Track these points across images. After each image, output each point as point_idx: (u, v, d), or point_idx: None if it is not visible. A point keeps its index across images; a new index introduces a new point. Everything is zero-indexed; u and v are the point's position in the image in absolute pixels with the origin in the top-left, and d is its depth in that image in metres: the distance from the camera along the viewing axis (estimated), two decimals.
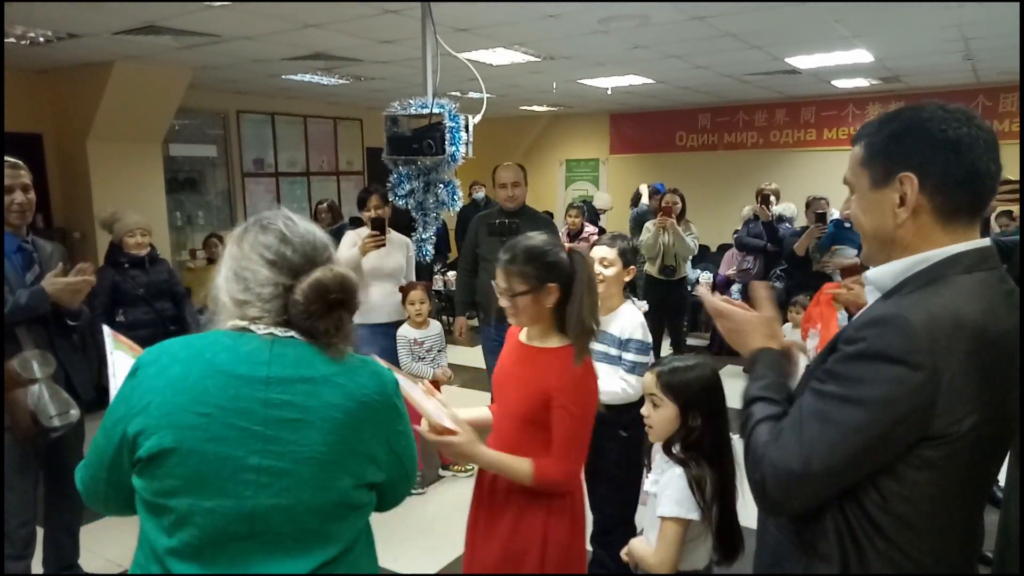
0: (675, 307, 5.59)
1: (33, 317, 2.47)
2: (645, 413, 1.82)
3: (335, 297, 1.14)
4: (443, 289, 7.54)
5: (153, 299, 3.62)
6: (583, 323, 1.74)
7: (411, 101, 3.34)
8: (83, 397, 2.63)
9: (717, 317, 1.37)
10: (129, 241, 3.59)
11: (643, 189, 7.07)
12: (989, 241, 1.14)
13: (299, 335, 1.15)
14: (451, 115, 3.25)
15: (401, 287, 4.00)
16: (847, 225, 4.97)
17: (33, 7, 3.84)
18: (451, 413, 1.73)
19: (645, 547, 1.75)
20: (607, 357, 2.53)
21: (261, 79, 6.57)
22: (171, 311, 3.69)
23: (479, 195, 7.96)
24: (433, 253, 3.99)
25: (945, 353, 1.00)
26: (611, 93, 7.72)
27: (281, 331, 1.15)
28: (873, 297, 1.19)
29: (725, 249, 7.48)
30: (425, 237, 3.63)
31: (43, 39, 4.65)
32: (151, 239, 3.73)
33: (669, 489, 1.70)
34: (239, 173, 7.88)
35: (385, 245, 3.73)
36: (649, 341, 2.56)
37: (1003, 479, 2.41)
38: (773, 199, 6.05)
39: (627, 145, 10.34)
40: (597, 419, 1.81)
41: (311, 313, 1.13)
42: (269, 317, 1.15)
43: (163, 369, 1.12)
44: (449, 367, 3.98)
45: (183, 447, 1.06)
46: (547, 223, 4.04)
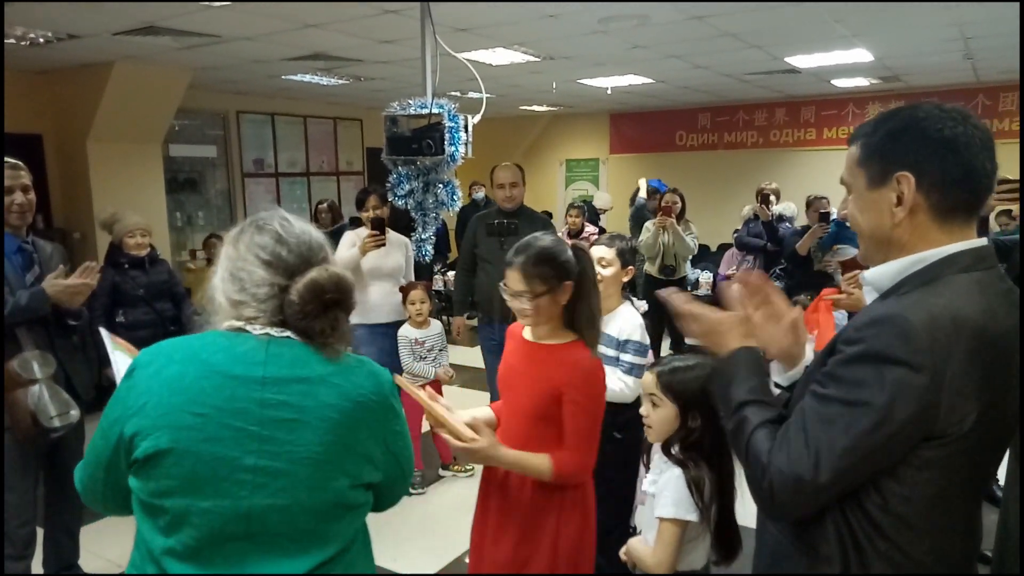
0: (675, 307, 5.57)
1: (33, 318, 2.48)
2: (644, 413, 1.81)
3: (331, 297, 1.14)
4: (443, 289, 7.54)
5: (153, 300, 3.62)
6: (594, 318, 1.83)
7: (410, 101, 3.33)
8: (83, 397, 2.63)
9: (688, 320, 1.34)
10: (129, 242, 3.59)
11: (641, 183, 7.07)
12: (986, 240, 1.14)
13: (295, 335, 1.15)
14: (450, 115, 3.25)
15: (401, 287, 4.00)
16: (848, 224, 4.96)
17: (33, 7, 3.84)
18: (471, 419, 1.77)
19: (643, 547, 1.76)
20: (605, 358, 2.51)
21: (261, 79, 6.57)
22: (171, 312, 3.69)
23: (479, 195, 7.96)
24: (433, 253, 3.99)
25: (946, 353, 1.00)
26: (611, 93, 7.72)
27: (277, 331, 1.15)
28: (871, 297, 1.18)
29: (725, 249, 7.47)
30: (425, 237, 3.62)
31: (43, 40, 4.65)
32: (151, 240, 3.72)
33: (667, 490, 1.70)
34: (239, 173, 7.88)
35: (385, 245, 3.73)
36: (647, 343, 2.55)
37: (1002, 477, 2.41)
38: (773, 199, 6.05)
39: (627, 145, 10.34)
40: None
41: (307, 313, 1.13)
42: (265, 317, 1.15)
43: (159, 370, 1.11)
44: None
45: (179, 448, 1.06)
46: (545, 223, 4.04)
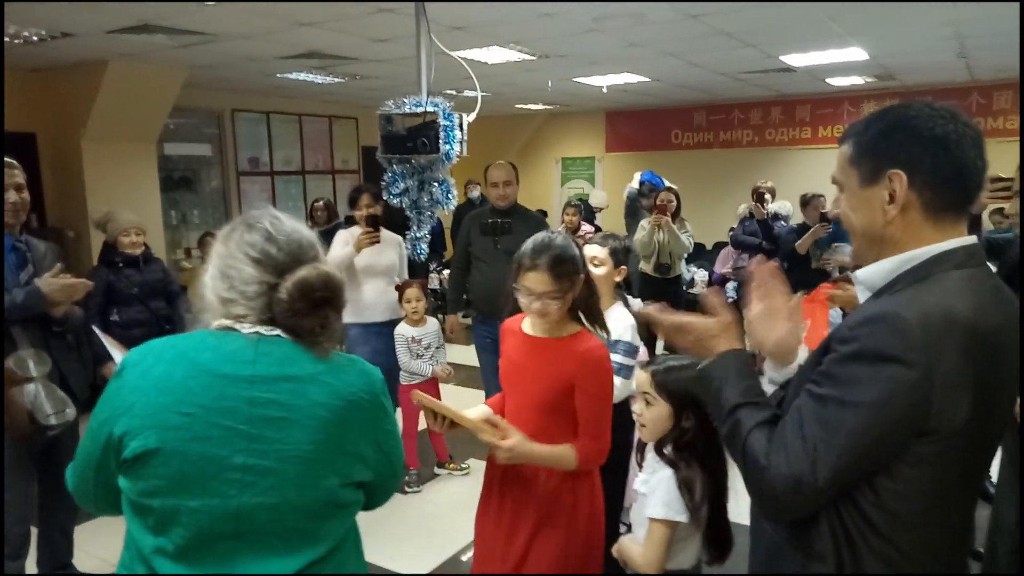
0: (671, 305, 5.57)
1: (28, 317, 2.47)
2: (638, 411, 1.81)
3: (320, 295, 1.14)
4: (439, 288, 7.54)
5: (148, 298, 3.61)
6: (599, 306, 1.93)
7: (405, 99, 3.33)
8: (78, 396, 2.62)
9: (676, 334, 1.35)
10: (123, 240, 3.58)
11: (636, 175, 7.07)
12: (976, 238, 1.14)
13: (285, 333, 1.15)
14: (445, 113, 3.25)
15: (397, 285, 4.00)
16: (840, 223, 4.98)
17: (27, 5, 3.83)
18: (497, 418, 1.80)
19: (634, 546, 1.76)
20: None
21: (256, 78, 6.56)
22: (166, 310, 3.68)
23: (474, 194, 7.95)
24: (428, 251, 3.99)
25: (938, 350, 1.00)
26: (606, 91, 7.72)
27: (267, 330, 1.14)
28: (864, 296, 1.19)
29: (721, 247, 7.49)
30: (420, 236, 3.62)
31: (37, 38, 4.63)
32: (145, 238, 3.72)
33: (659, 490, 1.70)
34: (234, 172, 7.86)
35: (379, 242, 3.73)
36: (637, 343, 2.55)
37: (995, 474, 2.43)
38: (768, 197, 6.06)
39: (623, 143, 10.34)
40: None
41: (295, 311, 1.13)
42: (254, 315, 1.15)
43: (147, 370, 1.11)
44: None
45: (167, 447, 1.06)
46: (539, 221, 4.04)
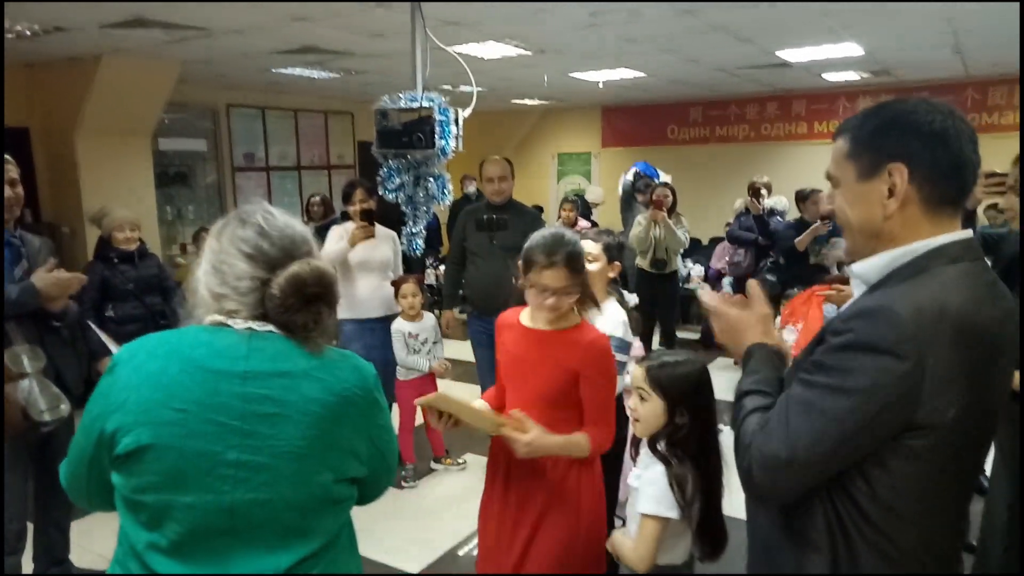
0: (666, 301, 5.60)
1: (22, 312, 2.46)
2: (632, 406, 1.81)
3: (312, 291, 1.13)
4: (435, 283, 7.54)
5: (143, 294, 3.61)
6: (595, 297, 1.98)
7: (401, 95, 3.33)
8: (73, 392, 2.61)
9: (713, 315, 1.38)
10: (118, 236, 3.57)
11: (632, 169, 7.08)
12: (971, 232, 1.15)
13: (278, 329, 1.14)
14: (441, 109, 3.24)
15: (393, 281, 4.00)
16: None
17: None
18: (519, 413, 1.81)
19: (626, 541, 1.76)
20: None
21: (251, 73, 6.53)
22: (161, 306, 3.68)
23: (470, 189, 7.94)
24: (423, 247, 3.98)
25: (930, 343, 1.01)
26: (603, 87, 7.71)
27: (259, 325, 1.14)
28: (859, 290, 1.19)
29: (717, 242, 7.51)
30: (415, 231, 3.62)
31: (29, 32, 4.61)
32: (140, 234, 3.71)
33: (650, 487, 1.70)
34: (229, 167, 7.84)
35: (374, 236, 3.72)
36: (629, 339, 2.56)
37: (989, 468, 2.44)
38: (764, 192, 6.07)
39: (619, 139, 10.34)
40: None
41: (287, 307, 1.12)
42: (246, 311, 1.14)
43: (140, 365, 1.11)
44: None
45: (160, 443, 1.06)
46: (535, 217, 4.03)
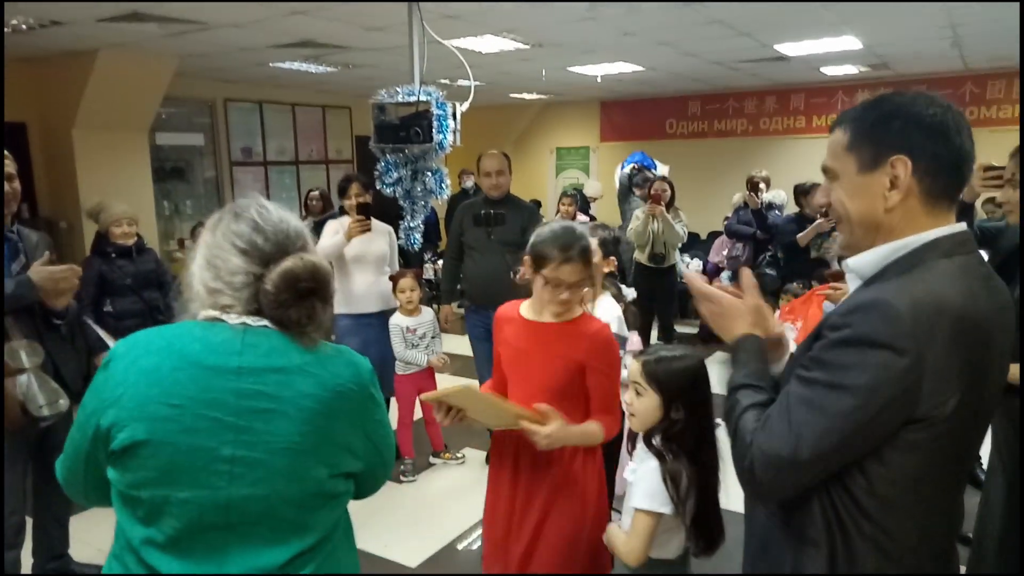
0: (665, 295, 5.60)
1: (20, 307, 2.46)
2: (628, 401, 1.80)
3: (305, 286, 1.13)
4: (433, 278, 7.53)
5: (141, 289, 3.61)
6: (595, 288, 1.99)
7: (398, 89, 3.32)
8: (71, 387, 2.61)
9: (702, 300, 1.35)
10: (115, 231, 3.57)
11: (630, 164, 7.09)
12: (965, 226, 1.15)
13: (272, 324, 1.14)
14: (438, 103, 3.24)
15: (391, 276, 4.00)
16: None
17: None
18: (544, 407, 1.81)
19: (620, 534, 1.76)
20: None
21: (248, 67, 6.51)
22: (159, 300, 3.68)
23: (468, 184, 7.92)
24: (421, 241, 3.98)
25: (928, 337, 1.01)
26: (601, 81, 7.70)
27: (254, 320, 1.14)
28: (854, 285, 1.19)
29: (715, 237, 7.50)
30: (413, 225, 3.62)
31: (25, 26, 4.59)
32: (138, 229, 3.71)
33: (643, 482, 1.69)
34: (227, 162, 7.83)
35: (370, 229, 3.72)
36: (625, 334, 2.57)
37: (986, 460, 2.45)
38: (763, 186, 6.07)
39: (617, 133, 10.32)
40: None
41: (281, 302, 1.12)
42: (240, 306, 1.14)
43: (134, 361, 1.11)
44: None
45: (155, 439, 1.06)
46: (532, 211, 4.03)
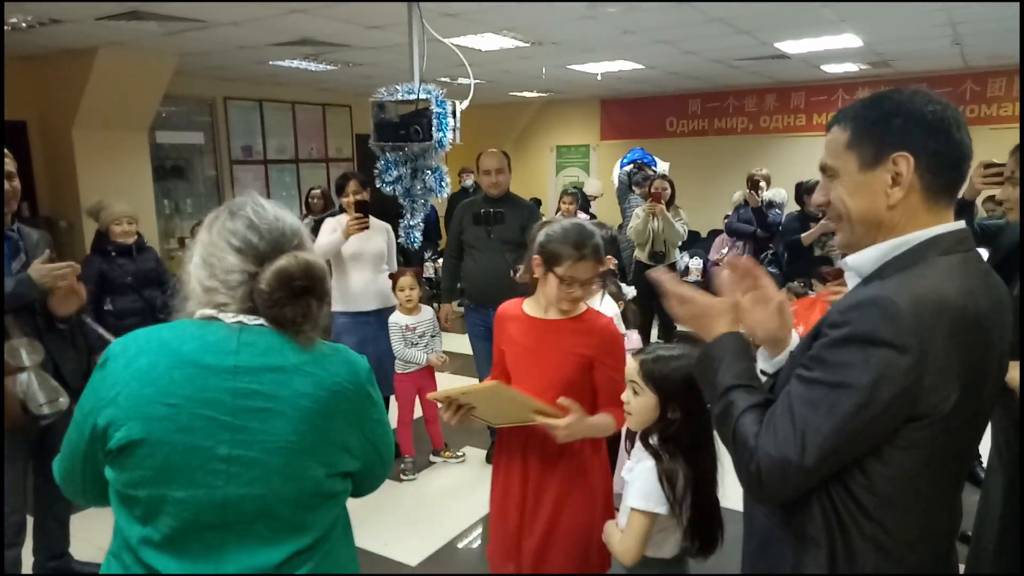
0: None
1: (20, 305, 2.46)
2: (625, 399, 1.78)
3: (299, 284, 1.12)
4: (434, 276, 7.53)
5: (141, 287, 3.61)
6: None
7: (398, 87, 3.32)
8: (72, 385, 2.61)
9: (676, 302, 1.31)
10: (116, 229, 3.57)
11: (627, 163, 7.08)
12: (964, 223, 1.14)
13: (268, 323, 1.14)
14: (438, 101, 3.24)
15: (391, 274, 4.00)
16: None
17: None
18: (567, 400, 1.83)
19: (616, 532, 1.75)
20: None
21: (248, 65, 6.51)
22: (160, 299, 3.68)
23: (468, 182, 7.91)
24: (421, 239, 3.98)
25: (929, 334, 1.00)
26: (601, 79, 7.69)
27: (250, 319, 1.14)
28: (853, 283, 1.19)
29: (715, 235, 7.50)
30: (413, 224, 3.61)
31: (25, 24, 4.59)
32: (138, 227, 3.71)
33: (639, 481, 1.68)
34: (227, 161, 7.83)
35: (368, 227, 3.72)
36: (623, 332, 2.58)
37: (986, 458, 2.45)
38: (763, 185, 6.06)
39: (618, 131, 10.32)
40: None
41: (275, 301, 1.11)
42: (236, 304, 1.14)
43: (130, 360, 1.11)
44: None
45: (151, 438, 1.06)
46: (532, 210, 4.02)
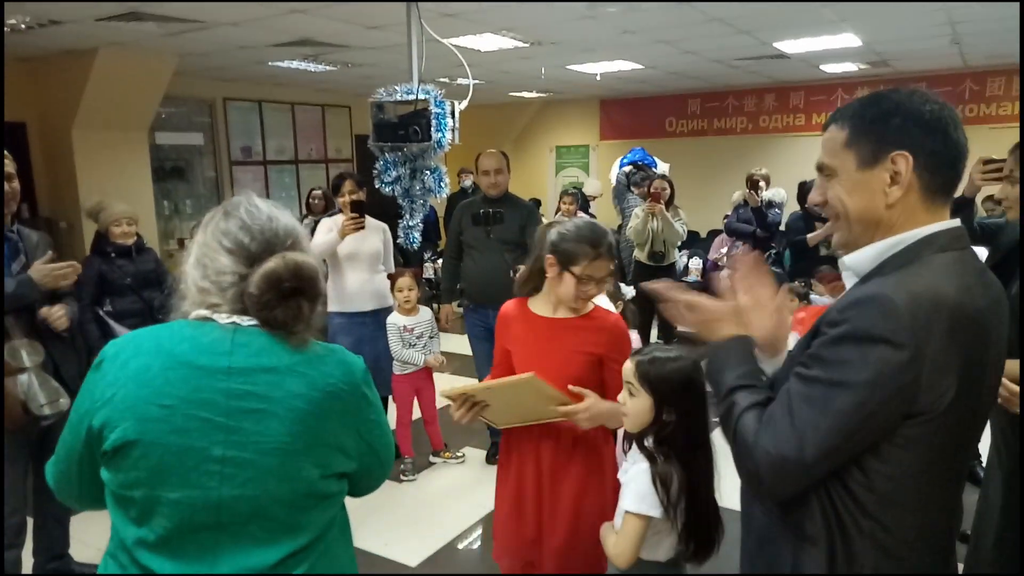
0: None
1: (21, 306, 2.47)
2: (621, 400, 1.77)
3: (289, 286, 1.11)
4: (433, 277, 7.53)
5: (141, 288, 3.61)
6: None
7: (397, 87, 3.32)
8: (71, 386, 2.62)
9: (682, 309, 1.32)
10: (115, 230, 3.57)
11: (625, 163, 7.09)
12: (959, 222, 1.15)
13: (260, 325, 1.14)
14: (437, 101, 3.24)
15: (390, 274, 4.00)
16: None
17: None
18: (585, 391, 1.85)
19: (611, 534, 1.75)
20: None
21: (247, 66, 6.51)
22: (159, 300, 3.67)
23: (467, 183, 7.91)
24: (420, 240, 3.98)
25: (927, 332, 1.01)
26: (600, 79, 7.69)
27: (244, 320, 1.14)
28: (851, 282, 1.19)
29: (715, 235, 7.50)
30: (412, 224, 3.61)
31: (24, 25, 4.59)
32: (138, 228, 3.71)
33: (634, 483, 1.67)
34: (227, 161, 7.83)
35: (364, 227, 3.72)
36: (629, 330, 2.58)
37: (985, 457, 2.45)
38: (763, 184, 6.07)
39: (617, 131, 10.32)
40: None
41: (264, 303, 1.11)
42: (228, 305, 1.14)
43: (125, 362, 1.11)
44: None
45: (146, 439, 1.06)
46: (531, 210, 4.03)
